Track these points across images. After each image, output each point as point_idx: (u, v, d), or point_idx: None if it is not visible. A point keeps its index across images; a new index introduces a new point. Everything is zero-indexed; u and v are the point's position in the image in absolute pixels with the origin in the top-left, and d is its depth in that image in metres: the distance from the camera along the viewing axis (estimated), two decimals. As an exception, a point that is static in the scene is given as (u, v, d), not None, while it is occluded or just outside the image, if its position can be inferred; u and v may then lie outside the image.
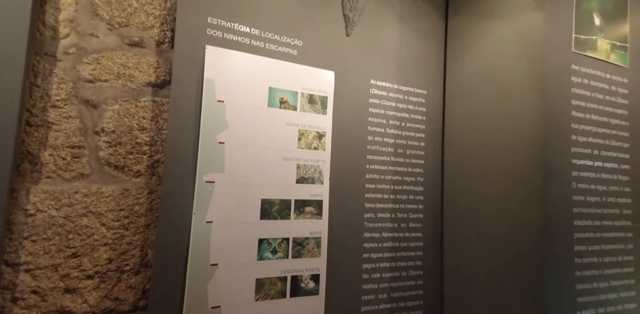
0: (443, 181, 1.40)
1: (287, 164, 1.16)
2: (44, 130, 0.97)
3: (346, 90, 1.26)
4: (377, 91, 1.31)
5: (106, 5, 1.05)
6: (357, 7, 1.27)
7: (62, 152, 0.98)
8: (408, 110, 1.36)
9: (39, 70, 0.97)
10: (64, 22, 1.00)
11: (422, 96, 1.40)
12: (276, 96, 1.15)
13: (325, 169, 1.20)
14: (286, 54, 1.18)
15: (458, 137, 1.36)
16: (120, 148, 1.05)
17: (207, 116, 1.05)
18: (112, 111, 1.04)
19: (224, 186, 1.06)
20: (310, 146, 1.19)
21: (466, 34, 1.36)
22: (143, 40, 1.09)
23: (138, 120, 1.07)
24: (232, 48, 1.10)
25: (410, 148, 1.35)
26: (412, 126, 1.36)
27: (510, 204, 1.16)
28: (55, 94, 0.98)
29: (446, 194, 1.38)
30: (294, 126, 1.17)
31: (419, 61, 1.40)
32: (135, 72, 1.08)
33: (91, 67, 1.03)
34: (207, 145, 1.05)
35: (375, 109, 1.30)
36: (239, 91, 1.10)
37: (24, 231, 0.93)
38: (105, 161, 1.03)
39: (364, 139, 1.27)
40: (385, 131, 1.31)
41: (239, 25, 1.12)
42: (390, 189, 1.30)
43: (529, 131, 1.14)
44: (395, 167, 1.32)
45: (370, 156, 1.28)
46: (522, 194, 1.13)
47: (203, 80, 1.05)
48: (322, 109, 1.22)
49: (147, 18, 1.10)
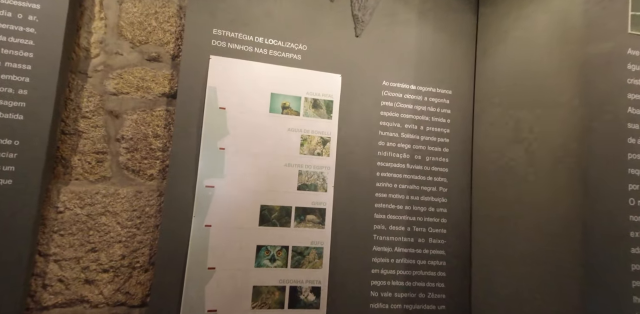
0: (472, 192, 1.26)
1: (289, 171, 1.17)
2: (75, 138, 1.14)
3: (355, 93, 1.23)
4: (390, 93, 1.25)
5: (130, 26, 1.21)
6: (366, 6, 1.24)
7: (88, 157, 1.14)
8: (428, 112, 1.27)
9: (73, 86, 1.15)
10: (94, 43, 1.18)
11: (446, 97, 1.29)
12: (278, 102, 1.18)
13: (329, 176, 1.18)
14: (290, 60, 1.21)
15: (489, 141, 1.22)
16: (137, 154, 1.18)
17: (208, 123, 1.12)
18: (131, 120, 1.18)
19: (223, 190, 1.11)
20: (313, 151, 1.19)
21: (499, 24, 1.23)
22: (160, 55, 1.23)
23: (153, 128, 1.19)
24: (235, 57, 1.17)
25: (430, 155, 1.25)
26: (433, 129, 1.27)
27: (551, 218, 0.99)
28: (85, 106, 1.16)
29: (475, 206, 1.24)
30: (296, 131, 1.18)
31: (443, 58, 1.30)
32: (152, 84, 1.21)
33: (115, 81, 1.19)
34: (208, 151, 1.12)
35: (388, 113, 1.24)
36: (241, 97, 1.16)
37: (54, 226, 1.10)
38: (124, 165, 1.17)
39: (375, 144, 1.22)
40: (400, 136, 1.24)
41: (243, 34, 1.19)
42: (405, 200, 1.22)
43: (572, 132, 0.97)
44: (412, 176, 1.23)
45: (381, 162, 1.22)
46: (564, 206, 0.96)
47: (206, 89, 1.13)
48: (327, 113, 1.21)
49: (164, 35, 1.23)
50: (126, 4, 1.21)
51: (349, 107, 1.22)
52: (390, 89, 1.25)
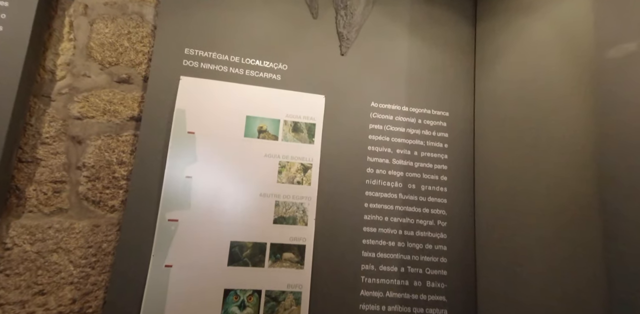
0: (475, 227, 1.11)
1: (264, 201, 1.06)
2: (33, 166, 1.07)
3: (340, 115, 1.13)
4: (380, 115, 1.15)
5: (100, 47, 1.16)
6: (352, 23, 1.17)
7: (44, 187, 1.06)
8: (423, 136, 1.16)
9: (34, 111, 1.09)
10: (61, 65, 1.13)
11: (443, 119, 1.18)
12: (254, 125, 1.09)
13: (310, 207, 1.07)
14: (268, 80, 1.13)
15: (494, 169, 1.09)
16: (98, 183, 1.09)
17: (175, 149, 1.04)
18: (95, 146, 1.11)
19: (188, 224, 1.01)
20: (292, 180, 1.08)
21: (497, 37, 1.13)
22: (131, 76, 1.17)
23: (118, 154, 1.11)
24: (209, 77, 1.10)
25: (426, 183, 1.13)
26: (429, 155, 1.15)
27: (565, 260, 0.84)
28: (46, 132, 1.09)
29: (480, 244, 1.09)
30: (273, 157, 1.08)
31: (438, 77, 1.21)
32: (120, 108, 1.14)
33: (80, 105, 1.12)
34: (173, 179, 1.02)
35: (377, 136, 1.14)
36: (212, 121, 1.07)
37: (0, 265, 0.99)
38: (84, 195, 1.08)
39: (362, 171, 1.11)
40: (391, 162, 1.13)
41: (217, 53, 1.12)
42: (398, 235, 1.08)
43: (587, 143, 0.84)
44: (406, 207, 1.10)
45: (370, 192, 1.10)
46: (580, 243, 0.81)
47: (174, 111, 1.05)
48: (308, 137, 1.11)
49: (136, 56, 1.18)
50: (98, 24, 1.17)
51: (333, 131, 1.12)
52: (379, 110, 1.15)
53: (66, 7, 1.16)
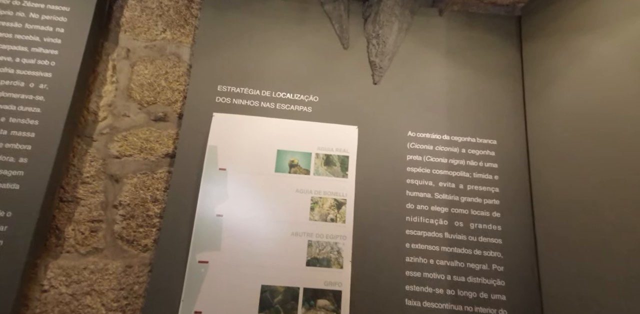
0: (539, 275, 0.97)
1: (296, 241, 1.00)
2: (73, 205, 1.11)
3: (375, 146, 1.08)
4: (418, 145, 1.08)
5: (139, 87, 1.22)
6: (385, 52, 1.14)
7: (82, 226, 1.09)
8: (468, 167, 1.06)
9: (77, 151, 1.15)
10: (103, 106, 1.20)
11: (490, 148, 1.08)
12: (285, 159, 1.06)
13: (345, 247, 0.99)
14: (299, 113, 1.11)
15: (556, 204, 0.96)
16: (133, 221, 1.10)
17: (206, 186, 1.03)
18: (131, 184, 1.13)
19: (218, 267, 0.97)
20: (325, 217, 1.02)
21: (548, 61, 1.04)
22: (167, 114, 1.20)
23: (152, 192, 1.13)
24: (241, 113, 1.10)
25: (476, 221, 1.02)
26: (477, 188, 1.05)
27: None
28: (86, 171, 1.13)
29: (547, 294, 0.95)
30: (305, 192, 1.04)
31: (481, 103, 1.12)
32: (156, 145, 1.17)
33: (119, 144, 1.17)
34: (204, 218, 1.00)
35: (417, 168, 1.06)
36: (243, 156, 1.06)
37: (37, 308, 1.01)
38: (119, 234, 1.09)
39: (401, 207, 1.03)
40: (434, 197, 1.04)
41: (249, 89, 1.13)
42: (446, 281, 0.97)
43: None
44: (453, 249, 1.00)
45: (411, 230, 1.01)
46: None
47: (206, 148, 1.06)
48: (341, 171, 1.06)
49: (172, 94, 1.22)
50: (138, 66, 1.24)
51: (368, 163, 1.06)
52: (417, 140, 1.08)
53: (110, 52, 1.24)
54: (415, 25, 1.15)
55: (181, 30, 1.28)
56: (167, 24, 1.28)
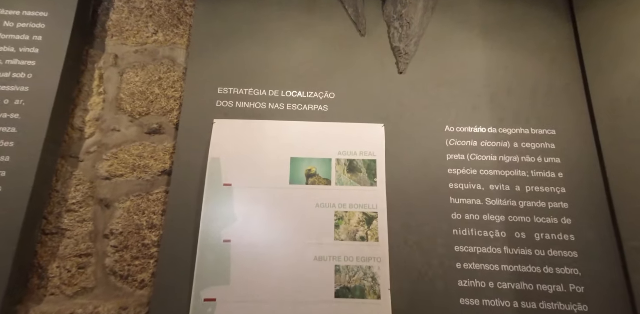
0: (632, 293, 0.78)
1: (321, 267, 0.83)
2: (57, 238, 0.97)
3: (406, 147, 0.92)
4: (459, 142, 0.91)
5: (130, 97, 1.09)
6: (409, 35, 0.99)
7: (68, 263, 0.94)
8: (524, 165, 0.89)
9: (61, 174, 1.01)
10: (90, 122, 1.07)
11: (550, 139, 0.91)
12: (301, 169, 0.91)
13: (381, 272, 0.82)
14: (314, 113, 0.96)
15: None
16: (127, 253, 0.95)
17: (209, 207, 0.87)
18: (123, 209, 0.99)
19: (228, 305, 0.81)
20: (354, 235, 0.85)
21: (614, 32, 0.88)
22: (162, 126, 1.07)
23: (148, 216, 0.98)
24: (245, 117, 0.96)
25: (543, 230, 0.84)
26: (539, 190, 0.87)
27: None
28: (72, 197, 1.00)
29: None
30: (327, 207, 0.88)
31: (533, 87, 0.96)
32: (151, 162, 1.03)
33: (109, 163, 1.03)
34: (209, 245, 0.84)
35: (460, 170, 0.89)
36: (251, 168, 0.91)
37: (16, 362, 0.86)
38: (111, 269, 0.94)
39: (446, 219, 0.85)
40: (485, 204, 0.86)
41: (254, 89, 0.99)
42: (513, 311, 0.78)
43: None
44: (517, 267, 0.81)
45: (461, 247, 0.83)
46: None
47: (208, 161, 0.91)
48: (369, 178, 0.89)
49: (167, 102, 1.09)
50: (128, 74, 1.11)
51: (400, 168, 0.90)
52: (457, 136, 0.92)
53: (96, 60, 1.12)
54: (443, 2, 1.00)
55: (175, 30, 1.15)
56: (159, 25, 1.16)
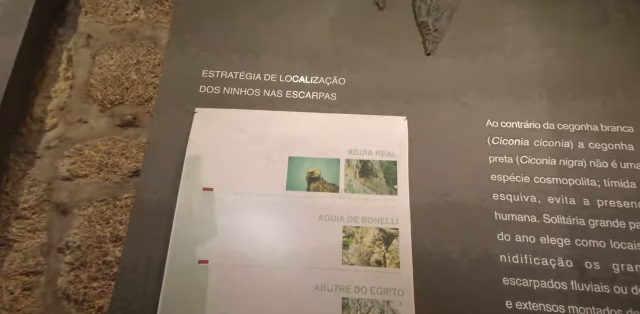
0: None
1: (323, 299, 0.65)
2: (3, 251, 0.80)
3: (435, 146, 0.74)
4: (505, 140, 0.73)
5: (101, 83, 0.93)
6: (439, 7, 0.81)
7: (12, 282, 0.78)
8: (594, 171, 0.69)
9: (13, 173, 0.86)
10: (53, 111, 0.91)
11: (626, 139, 0.71)
12: (301, 171, 0.73)
13: (404, 310, 0.63)
14: (319, 102, 0.79)
15: None
16: (84, 272, 0.78)
17: (183, 217, 0.70)
18: (83, 216, 0.82)
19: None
20: (367, 258, 0.67)
21: None
22: (137, 117, 0.91)
23: (113, 227, 0.81)
24: (234, 106, 0.79)
25: (622, 259, 0.64)
26: (614, 205, 0.67)
27: None
28: (23, 201, 0.84)
29: None
30: (334, 220, 0.69)
31: (600, 72, 0.77)
32: (121, 160, 0.87)
33: (71, 160, 0.87)
34: (180, 268, 0.67)
35: (507, 176, 0.70)
36: (239, 170, 0.73)
37: None
38: (63, 292, 0.77)
39: (489, 239, 0.66)
40: (542, 222, 0.67)
41: (246, 72, 0.82)
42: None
43: None
44: (589, 309, 0.61)
45: (511, 279, 0.64)
46: None
47: (184, 160, 0.74)
48: (387, 185, 0.71)
49: (145, 90, 0.93)
50: (101, 56, 0.96)
51: (427, 171, 0.71)
52: (503, 132, 0.73)
53: (65, 40, 0.96)
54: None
55: (159, 7, 1.00)
56: (141, 1, 1.01)
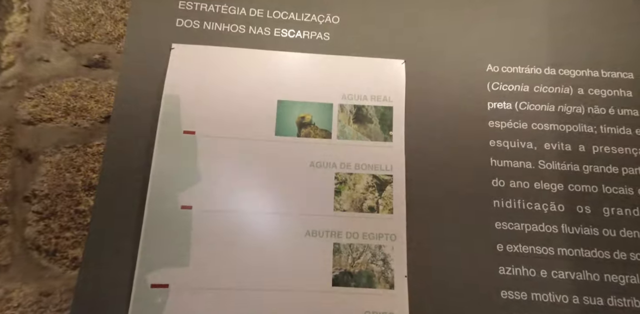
0: None
1: (315, 245, 0.64)
2: (-40, 198, 0.74)
3: (433, 91, 0.72)
4: (506, 86, 0.71)
5: (63, 17, 0.84)
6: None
7: (-26, 231, 0.72)
8: (592, 118, 0.70)
9: (-34, 115, 0.78)
10: (8, 47, 0.82)
11: (626, 85, 0.72)
12: (291, 116, 0.69)
13: (396, 254, 0.63)
14: (310, 42, 0.75)
15: None
16: (54, 221, 0.74)
17: (163, 161, 0.66)
18: (51, 163, 0.76)
19: (185, 294, 0.61)
20: (360, 205, 0.65)
21: None
22: (106, 56, 0.83)
23: (85, 175, 0.76)
24: (216, 43, 0.73)
25: (614, 203, 0.66)
26: (609, 151, 0.68)
27: None
28: (-19, 146, 0.76)
29: None
30: (326, 167, 0.67)
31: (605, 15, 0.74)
32: (90, 104, 0.80)
33: (33, 102, 0.80)
34: (161, 213, 0.64)
35: (505, 123, 0.69)
36: (223, 112, 0.69)
37: None
38: (32, 242, 0.73)
39: (484, 186, 0.67)
40: (537, 167, 0.67)
41: (229, 6, 0.76)
42: (572, 307, 0.61)
43: None
44: (578, 251, 0.63)
45: (503, 223, 0.65)
46: None
47: (162, 100, 0.68)
48: (382, 131, 0.69)
49: (114, 26, 0.84)
50: (61, -14, 0.86)
51: (424, 118, 0.70)
52: (503, 77, 0.71)
53: (19, -34, 0.85)
54: None
55: None
56: None
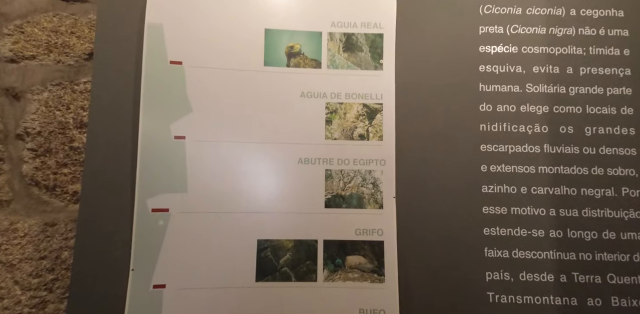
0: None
1: (307, 171, 0.67)
2: (-48, 138, 0.75)
3: (424, 16, 0.71)
4: (497, 8, 0.70)
5: (34, -54, 0.80)
6: None
7: (-29, 168, 0.75)
8: (581, 39, 0.70)
9: (-56, 53, 0.76)
10: (-21, -18, 0.79)
11: (617, 4, 0.70)
12: (280, 45, 0.69)
13: (385, 177, 0.67)
14: (296, -35, 0.71)
15: None
16: (50, 158, 0.76)
17: (152, 92, 0.67)
18: (39, 101, 0.77)
19: (185, 217, 0.65)
20: (351, 133, 0.68)
21: None
22: (83, -10, 0.80)
23: (75, 112, 0.77)
24: (197, -30, 0.70)
25: (596, 123, 0.69)
26: (596, 72, 0.70)
27: None
28: (-35, 85, 0.76)
29: None
30: (316, 97, 0.69)
31: None
32: (72, 40, 0.79)
33: (12, 39, 0.79)
34: (154, 143, 0.66)
35: (495, 47, 0.70)
36: (209, 41, 0.69)
37: None
38: (31, 178, 0.75)
39: (472, 109, 0.69)
40: (525, 91, 0.69)
41: None
42: (549, 219, 0.66)
43: None
44: (558, 168, 0.67)
45: (489, 145, 0.68)
46: None
47: (144, 29, 0.68)
48: (372, 59, 0.69)
49: (88, -43, 0.81)
50: None
51: (415, 45, 0.71)
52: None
53: None
54: None
55: None
56: None
